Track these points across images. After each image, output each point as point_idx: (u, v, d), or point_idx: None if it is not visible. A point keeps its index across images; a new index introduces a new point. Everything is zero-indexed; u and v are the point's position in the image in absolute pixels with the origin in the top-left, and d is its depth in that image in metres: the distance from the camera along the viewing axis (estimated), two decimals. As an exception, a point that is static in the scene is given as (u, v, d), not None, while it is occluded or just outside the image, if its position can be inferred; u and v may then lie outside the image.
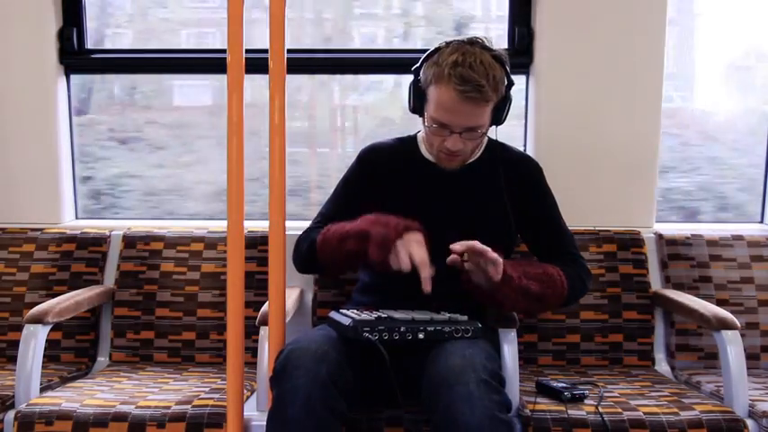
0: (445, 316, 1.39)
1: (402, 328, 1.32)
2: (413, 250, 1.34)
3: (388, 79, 2.40)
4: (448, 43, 1.45)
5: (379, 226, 1.39)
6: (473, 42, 1.43)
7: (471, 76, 1.37)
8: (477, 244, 1.36)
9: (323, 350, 1.28)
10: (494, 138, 1.58)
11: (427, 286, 1.34)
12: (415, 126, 1.66)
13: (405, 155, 1.62)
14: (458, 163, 1.54)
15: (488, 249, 1.37)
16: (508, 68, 1.46)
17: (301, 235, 1.60)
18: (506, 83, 1.45)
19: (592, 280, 1.63)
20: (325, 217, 1.62)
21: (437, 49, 1.45)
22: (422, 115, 1.51)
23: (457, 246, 1.36)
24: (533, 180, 1.61)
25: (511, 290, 1.42)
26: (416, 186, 1.58)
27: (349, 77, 2.38)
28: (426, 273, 1.34)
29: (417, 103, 1.49)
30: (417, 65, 1.49)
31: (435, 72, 1.42)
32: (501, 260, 1.39)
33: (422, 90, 1.48)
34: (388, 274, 1.37)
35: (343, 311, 1.40)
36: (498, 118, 1.48)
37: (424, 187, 1.57)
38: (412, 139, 1.65)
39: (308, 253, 1.54)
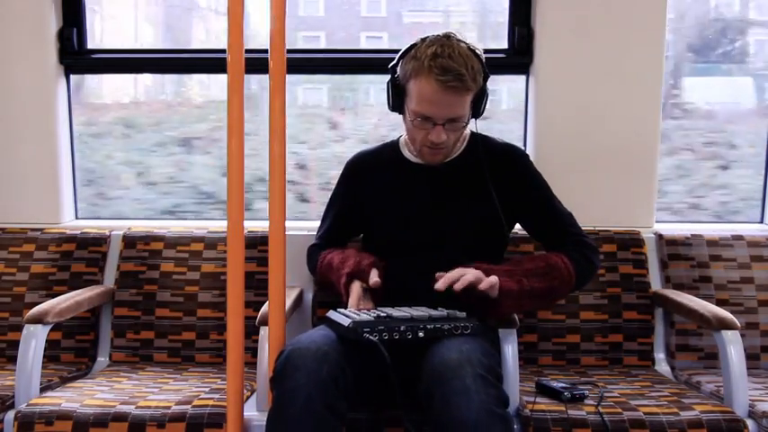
0: (443, 312, 1.39)
1: (402, 327, 1.32)
2: (352, 301, 1.49)
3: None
4: (423, 39, 1.47)
5: (337, 276, 1.56)
6: (448, 36, 1.46)
7: (451, 65, 1.40)
8: (460, 278, 1.37)
9: (323, 350, 1.28)
10: (476, 131, 1.60)
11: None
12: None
13: (388, 158, 1.65)
14: (441, 157, 1.55)
15: (475, 278, 1.38)
16: (483, 61, 1.48)
17: (310, 247, 1.75)
18: (483, 74, 1.47)
19: (599, 256, 1.62)
20: (324, 230, 1.74)
21: (413, 45, 1.47)
22: (402, 112, 1.53)
23: (440, 285, 1.38)
24: (519, 167, 1.61)
25: (512, 299, 1.43)
26: (401, 187, 1.60)
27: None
28: (353, 302, 1.48)
29: (397, 100, 1.51)
30: (394, 62, 1.51)
31: (415, 66, 1.44)
32: (494, 279, 1.39)
33: (401, 86, 1.49)
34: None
35: (341, 311, 1.40)
36: (477, 110, 1.50)
37: (409, 188, 1.59)
38: (394, 143, 1.68)
39: (312, 273, 1.76)
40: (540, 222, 1.63)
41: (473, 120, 1.53)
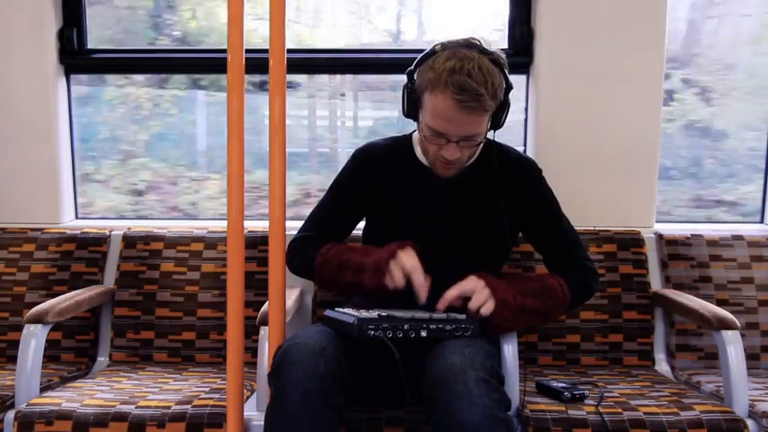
0: (443, 314, 1.39)
1: (405, 326, 1.32)
2: (404, 263, 1.38)
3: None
4: (444, 46, 1.39)
5: (374, 254, 1.43)
6: (470, 45, 1.38)
7: (469, 84, 1.32)
8: (457, 293, 1.39)
9: (320, 345, 1.28)
10: (492, 139, 1.54)
11: (422, 294, 1.38)
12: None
13: (399, 156, 1.59)
14: (454, 171, 1.50)
15: (469, 289, 1.39)
16: (507, 71, 1.41)
17: (295, 242, 1.58)
18: (505, 87, 1.41)
19: (598, 280, 1.61)
20: (318, 221, 1.62)
21: (432, 52, 1.40)
22: (416, 120, 1.47)
23: (440, 305, 1.39)
24: (532, 183, 1.58)
25: (509, 311, 1.42)
26: (411, 189, 1.56)
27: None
28: (419, 279, 1.37)
29: (411, 107, 1.44)
30: (411, 67, 1.44)
31: (431, 78, 1.36)
32: (486, 291, 1.39)
33: (416, 95, 1.43)
34: (387, 294, 1.41)
35: (340, 310, 1.40)
36: (497, 122, 1.44)
37: (418, 190, 1.55)
38: (407, 139, 1.61)
39: (303, 268, 1.56)
40: (544, 241, 1.61)
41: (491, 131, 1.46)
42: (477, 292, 1.39)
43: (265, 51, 1.38)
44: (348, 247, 1.54)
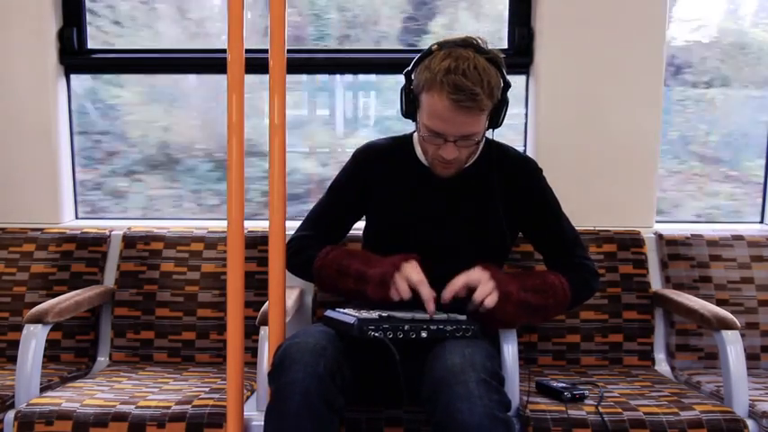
0: (443, 315, 1.39)
1: (406, 327, 1.32)
2: (410, 276, 1.37)
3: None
4: (440, 45, 1.40)
5: (378, 266, 1.42)
6: (467, 45, 1.39)
7: (465, 84, 1.33)
8: (463, 282, 1.38)
9: (321, 345, 1.28)
10: (491, 138, 1.55)
11: (430, 306, 1.36)
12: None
13: (399, 155, 1.59)
14: (453, 171, 1.50)
15: (475, 279, 1.39)
16: (504, 70, 1.41)
17: (293, 242, 1.58)
18: (502, 86, 1.41)
19: (599, 280, 1.61)
20: (317, 220, 1.62)
21: (429, 52, 1.40)
22: (415, 120, 1.48)
23: (446, 294, 1.38)
24: (532, 182, 1.58)
25: (511, 305, 1.41)
26: (410, 188, 1.56)
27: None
28: (426, 292, 1.36)
29: (410, 108, 1.45)
30: (409, 68, 1.45)
31: (427, 78, 1.37)
32: (492, 283, 1.39)
33: (414, 95, 1.43)
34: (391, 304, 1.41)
35: (340, 310, 1.40)
36: (495, 121, 1.44)
37: (418, 190, 1.55)
38: (407, 139, 1.62)
39: (301, 269, 1.56)
40: (544, 240, 1.61)
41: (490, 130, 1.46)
42: (482, 283, 1.39)
43: (265, 51, 1.38)
44: (347, 251, 1.53)
